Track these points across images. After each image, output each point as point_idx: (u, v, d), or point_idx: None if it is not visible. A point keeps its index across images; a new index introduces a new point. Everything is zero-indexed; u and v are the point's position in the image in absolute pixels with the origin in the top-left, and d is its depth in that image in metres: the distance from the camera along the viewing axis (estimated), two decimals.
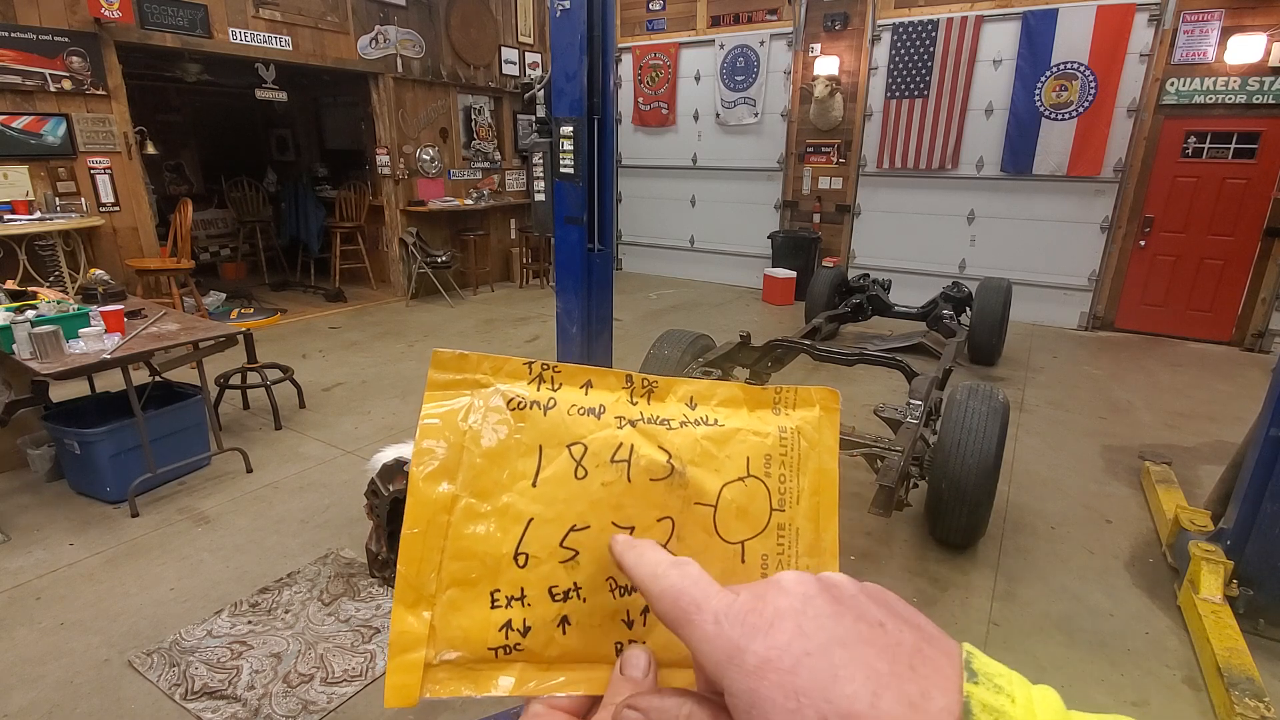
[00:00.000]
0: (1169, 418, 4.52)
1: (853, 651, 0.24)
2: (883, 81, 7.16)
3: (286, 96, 6.75)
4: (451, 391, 0.38)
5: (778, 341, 3.99)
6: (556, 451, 0.37)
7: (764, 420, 0.41)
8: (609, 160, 3.50)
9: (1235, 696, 2.05)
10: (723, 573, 0.38)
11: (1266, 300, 5.90)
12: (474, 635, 0.35)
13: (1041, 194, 6.71)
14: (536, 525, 0.36)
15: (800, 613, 0.25)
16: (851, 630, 0.25)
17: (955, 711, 0.22)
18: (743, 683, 0.24)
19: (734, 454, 0.39)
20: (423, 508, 0.36)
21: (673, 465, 0.38)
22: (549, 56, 6.27)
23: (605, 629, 0.37)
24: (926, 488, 2.87)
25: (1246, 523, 2.46)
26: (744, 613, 0.26)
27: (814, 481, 0.40)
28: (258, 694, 2.12)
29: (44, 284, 4.70)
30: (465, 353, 0.38)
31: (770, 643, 0.25)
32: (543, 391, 0.39)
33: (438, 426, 0.37)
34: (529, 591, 0.36)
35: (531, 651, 0.36)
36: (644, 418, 0.39)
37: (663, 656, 0.36)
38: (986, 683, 0.23)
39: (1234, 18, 5.64)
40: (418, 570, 0.35)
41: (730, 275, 8.78)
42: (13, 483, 3.41)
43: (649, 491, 0.38)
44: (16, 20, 4.69)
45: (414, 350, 5.77)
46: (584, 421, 0.38)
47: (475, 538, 0.36)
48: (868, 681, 0.23)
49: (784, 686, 0.23)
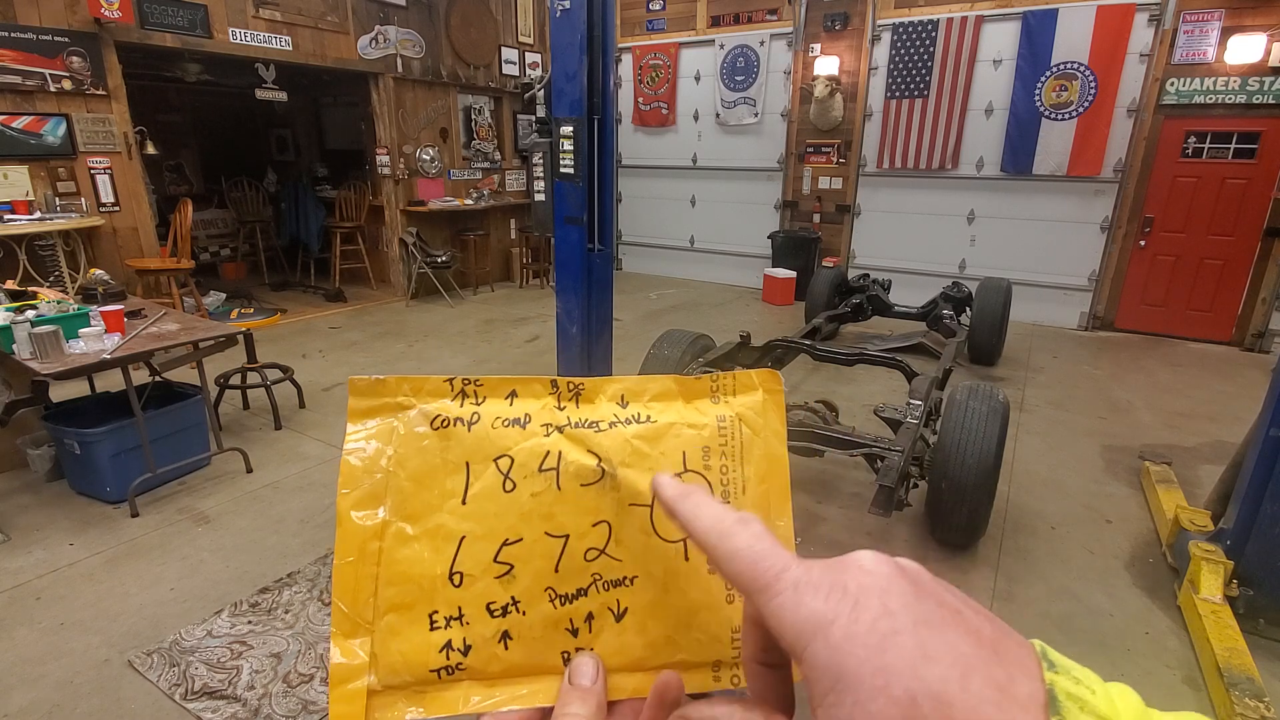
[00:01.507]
0: (1169, 418, 4.52)
1: (938, 634, 0.23)
2: (883, 81, 7.15)
3: (286, 96, 6.75)
4: (373, 417, 0.37)
5: (778, 341, 3.99)
6: (483, 467, 0.37)
7: (701, 411, 0.40)
8: (609, 160, 3.50)
9: (1235, 696, 2.05)
10: (666, 573, 0.37)
11: (1266, 300, 5.90)
12: (415, 659, 0.35)
13: (1041, 194, 6.71)
14: (469, 543, 0.36)
15: (885, 591, 0.25)
16: (935, 613, 0.24)
17: (1040, 699, 0.22)
18: (828, 655, 0.24)
19: (668, 450, 0.38)
20: (353, 537, 0.36)
21: (603, 469, 0.37)
22: (549, 56, 6.27)
23: (549, 640, 0.36)
24: (926, 488, 2.87)
25: (1246, 523, 2.45)
26: (826, 585, 0.26)
27: (761, 469, 0.39)
28: (258, 694, 2.12)
29: (44, 284, 4.70)
30: (383, 377, 0.38)
31: (857, 618, 0.24)
32: (466, 407, 0.38)
33: (362, 453, 0.37)
34: (466, 610, 0.36)
35: (474, 669, 0.35)
36: (571, 422, 0.38)
37: (611, 662, 0.36)
38: (1065, 674, 0.23)
39: (1234, 18, 5.64)
40: (352, 600, 0.35)
41: (730, 275, 8.78)
42: (13, 483, 3.41)
43: (581, 497, 0.37)
44: (16, 20, 4.69)
45: (414, 350, 5.77)
46: (509, 433, 0.38)
47: (409, 561, 0.36)
48: (956, 663, 0.23)
49: (871, 662, 0.23)
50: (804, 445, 2.96)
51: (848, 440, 2.84)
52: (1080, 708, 0.22)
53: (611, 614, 0.37)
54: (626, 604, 0.37)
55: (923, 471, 2.87)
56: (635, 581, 0.37)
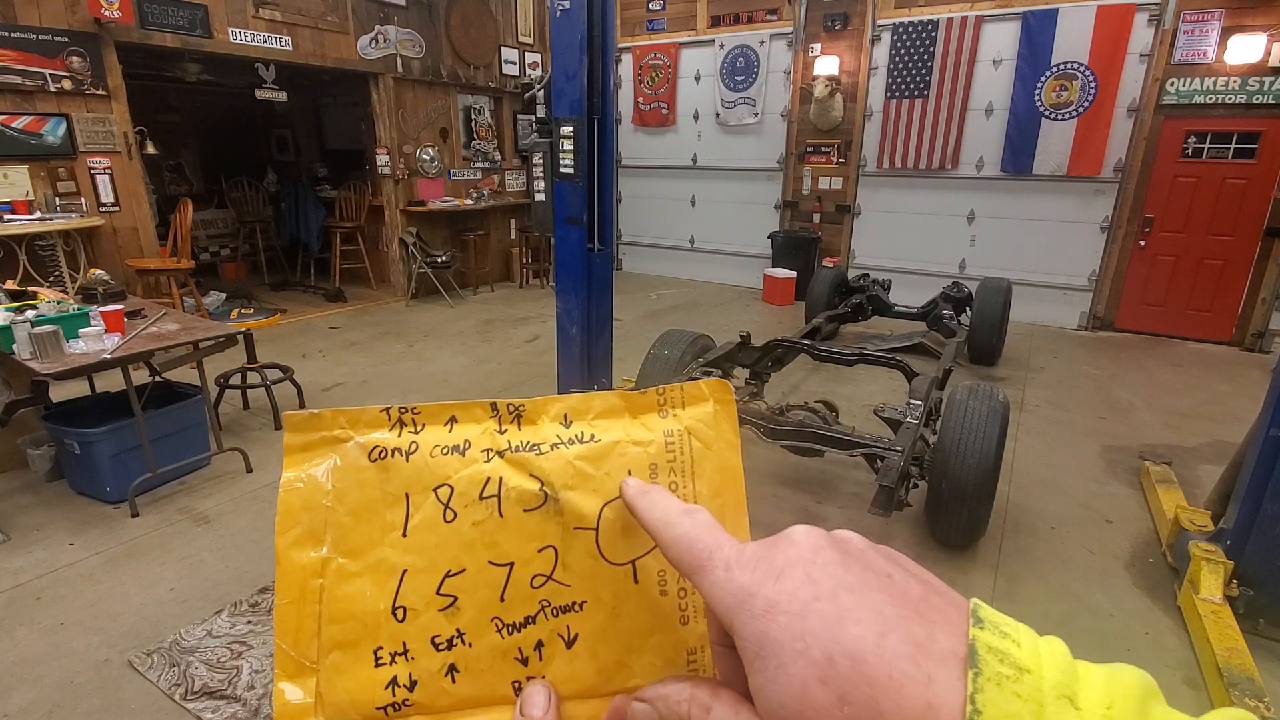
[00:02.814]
0: (1169, 418, 4.52)
1: (860, 597, 0.24)
2: (883, 81, 7.15)
3: (286, 96, 6.75)
4: (310, 453, 0.37)
5: (778, 341, 3.99)
6: (423, 497, 0.36)
7: (648, 426, 0.39)
8: (609, 160, 3.50)
9: (1235, 696, 2.05)
10: (615, 596, 0.36)
11: (1266, 300, 5.90)
12: (361, 697, 0.34)
13: (1041, 194, 6.71)
14: (411, 576, 0.35)
15: (809, 561, 0.26)
16: (859, 578, 0.25)
17: (960, 653, 0.23)
18: (752, 625, 0.25)
19: (613, 470, 0.37)
20: (292, 576, 0.35)
21: (545, 493, 0.36)
22: (549, 56, 6.27)
23: (498, 670, 0.36)
24: (926, 488, 2.87)
25: (1246, 523, 2.45)
26: (754, 560, 0.27)
27: (715, 483, 0.38)
28: (258, 694, 2.12)
29: (44, 284, 4.70)
30: (318, 411, 0.37)
31: (779, 588, 0.25)
32: (404, 437, 0.37)
33: (300, 490, 0.36)
34: (411, 645, 0.35)
35: (422, 705, 0.35)
36: (512, 446, 0.37)
37: (564, 689, 0.36)
38: (993, 629, 0.23)
39: (1234, 18, 5.64)
40: (294, 640, 0.35)
41: (730, 275, 8.78)
42: (13, 483, 3.41)
43: (524, 523, 0.36)
44: (16, 20, 4.69)
45: (414, 350, 5.77)
46: (448, 461, 0.37)
47: (351, 598, 0.35)
48: (874, 624, 0.23)
49: (792, 628, 0.24)
50: (804, 445, 2.96)
51: (848, 440, 2.84)
52: (1000, 660, 0.22)
53: (562, 640, 0.36)
54: (577, 630, 0.36)
55: (923, 471, 2.86)
56: (584, 606, 0.36)
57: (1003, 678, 0.22)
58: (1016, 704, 0.21)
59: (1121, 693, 0.22)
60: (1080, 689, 0.22)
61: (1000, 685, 0.22)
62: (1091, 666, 0.23)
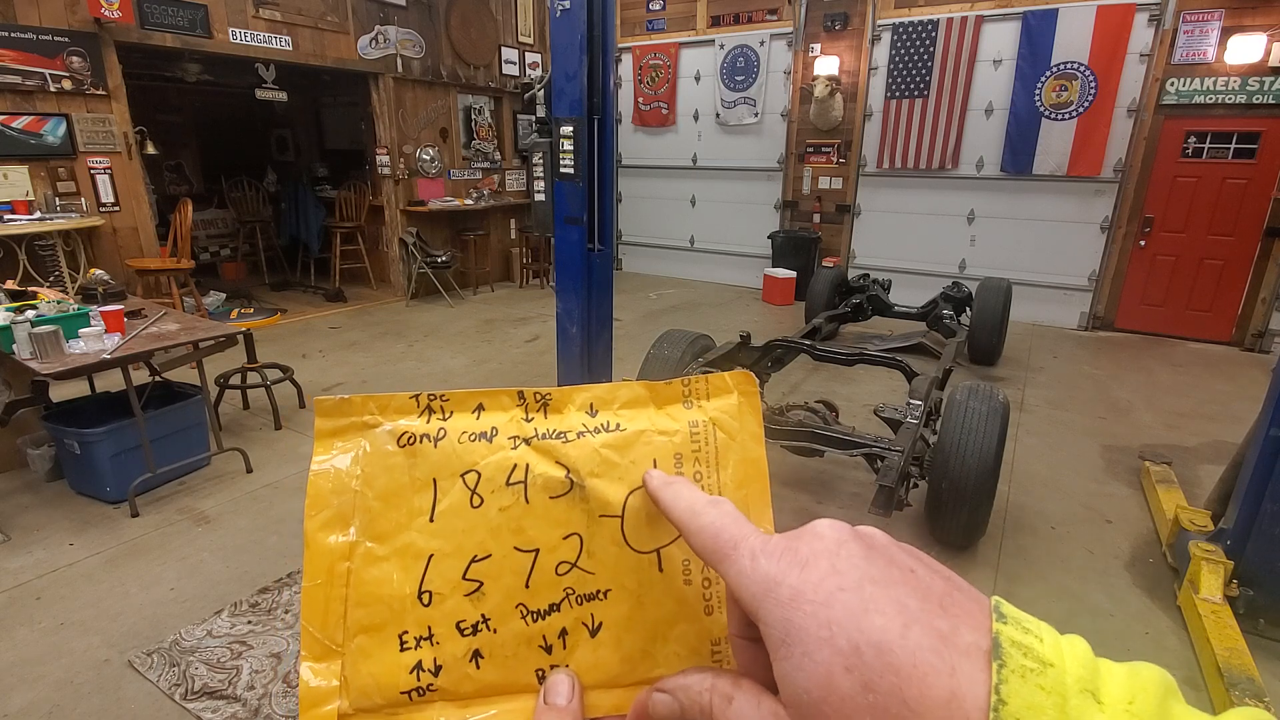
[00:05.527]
0: (1169, 418, 4.52)
1: (884, 590, 0.25)
2: (883, 81, 7.15)
3: (286, 96, 6.75)
4: (339, 438, 0.37)
5: (778, 341, 3.99)
6: (450, 483, 0.36)
7: (673, 417, 0.39)
8: (609, 160, 3.50)
9: (1235, 696, 2.05)
10: (640, 584, 0.37)
11: (1266, 300, 5.90)
12: (385, 681, 0.34)
13: (1041, 194, 6.71)
14: (437, 561, 0.35)
15: (834, 554, 0.26)
16: (884, 572, 0.26)
17: (984, 646, 0.23)
18: (777, 612, 0.25)
19: (638, 458, 0.37)
20: (321, 558, 0.36)
21: (571, 480, 0.37)
22: (549, 56, 6.27)
23: (522, 657, 0.36)
24: (926, 488, 2.87)
25: (1246, 523, 2.45)
26: (780, 550, 0.27)
27: (739, 474, 0.38)
28: (258, 694, 2.12)
29: (44, 284, 4.70)
30: (348, 397, 0.37)
31: (805, 578, 0.26)
32: (433, 423, 0.38)
33: (329, 474, 0.37)
34: (436, 630, 0.35)
35: (446, 690, 0.35)
36: (539, 434, 0.38)
37: (587, 678, 0.36)
38: (1015, 625, 0.24)
39: (1234, 18, 5.64)
40: (322, 622, 0.35)
41: (730, 275, 8.78)
42: (13, 483, 3.41)
43: (550, 510, 0.36)
44: (16, 20, 4.69)
45: (414, 350, 5.77)
46: (475, 448, 0.37)
47: (377, 582, 0.35)
48: (899, 615, 0.24)
49: (817, 617, 0.24)
50: (804, 445, 2.96)
51: (848, 440, 2.84)
52: (1024, 654, 0.22)
53: (586, 629, 0.36)
54: (601, 618, 0.36)
55: (923, 471, 2.87)
56: (609, 595, 0.37)
57: (1027, 670, 0.22)
58: (1040, 696, 0.21)
59: (1143, 689, 0.22)
60: (1102, 685, 0.22)
61: (1024, 678, 0.22)
62: (1113, 664, 0.24)
